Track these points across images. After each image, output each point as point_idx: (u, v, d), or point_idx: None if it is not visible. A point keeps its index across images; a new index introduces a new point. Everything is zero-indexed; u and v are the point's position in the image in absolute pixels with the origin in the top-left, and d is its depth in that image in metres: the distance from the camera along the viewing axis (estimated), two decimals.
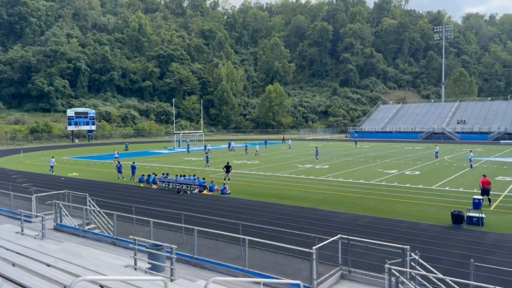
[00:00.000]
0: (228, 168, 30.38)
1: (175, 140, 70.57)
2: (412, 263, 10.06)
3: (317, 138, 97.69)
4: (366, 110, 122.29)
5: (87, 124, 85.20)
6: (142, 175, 31.76)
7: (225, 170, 30.46)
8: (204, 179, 28.18)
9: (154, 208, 20.86)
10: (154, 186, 29.19)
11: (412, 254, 10.07)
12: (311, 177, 32.31)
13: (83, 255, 10.13)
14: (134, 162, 34.09)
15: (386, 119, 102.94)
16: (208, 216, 17.92)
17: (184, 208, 20.62)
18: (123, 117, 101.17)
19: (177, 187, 27.64)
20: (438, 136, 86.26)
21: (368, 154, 52.43)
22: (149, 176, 30.63)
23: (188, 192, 26.92)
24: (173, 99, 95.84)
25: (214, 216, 18.21)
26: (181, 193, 26.59)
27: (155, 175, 30.20)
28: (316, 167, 38.58)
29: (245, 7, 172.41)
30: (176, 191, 27.18)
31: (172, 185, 28.54)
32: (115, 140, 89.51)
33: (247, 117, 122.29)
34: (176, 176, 29.16)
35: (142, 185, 30.24)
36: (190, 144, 64.50)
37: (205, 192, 26.72)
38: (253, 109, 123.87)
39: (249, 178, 32.77)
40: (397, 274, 9.02)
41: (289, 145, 65.95)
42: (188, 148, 60.92)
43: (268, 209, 21.50)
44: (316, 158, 45.62)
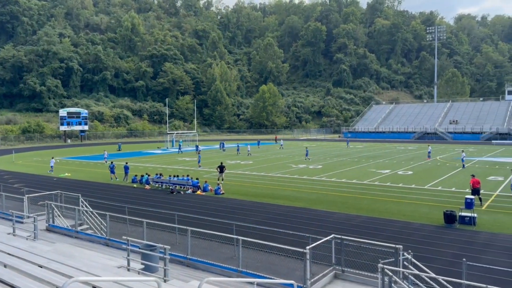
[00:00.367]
0: (222, 168, 30.36)
1: (169, 140, 70.36)
2: (405, 262, 10.11)
3: (310, 138, 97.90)
4: (359, 110, 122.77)
5: (80, 124, 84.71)
6: (135, 175, 31.62)
7: (219, 170, 30.44)
8: (197, 179, 28.12)
9: (147, 209, 20.78)
10: (147, 187, 29.08)
11: (405, 253, 10.12)
12: (304, 177, 32.37)
13: (76, 256, 10.07)
14: (127, 163, 33.95)
15: (379, 119, 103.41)
16: (202, 216, 17.89)
17: (178, 209, 20.56)
18: (116, 117, 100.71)
19: (171, 187, 27.56)
20: (431, 136, 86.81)
21: (361, 154, 52.63)
22: (142, 176, 30.50)
23: (182, 192, 26.84)
24: (167, 99, 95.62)
25: (208, 216, 18.19)
26: (174, 194, 26.52)
27: (148, 176, 30.08)
28: (309, 167, 38.66)
29: (239, 7, 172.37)
30: (169, 191, 27.09)
31: (166, 185, 28.45)
32: (108, 140, 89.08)
33: (241, 117, 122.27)
34: (170, 176, 29.07)
35: (135, 185, 30.11)
36: (183, 145, 64.29)
37: (198, 192, 26.66)
38: (247, 109, 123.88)
39: (242, 178, 32.75)
40: (390, 273, 9.06)
41: (281, 145, 65.95)
42: (180, 148, 60.72)
43: (261, 209, 21.51)
44: (307, 158, 45.91)
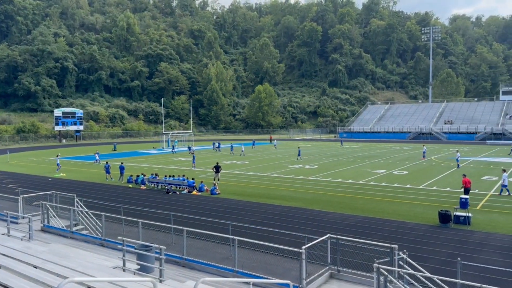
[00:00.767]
0: (217, 168, 30.33)
1: (164, 140, 70.19)
2: (400, 262, 10.15)
3: (306, 138, 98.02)
4: (355, 110, 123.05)
5: (75, 124, 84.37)
6: (131, 175, 31.52)
7: (215, 170, 30.41)
8: (193, 179, 28.07)
9: (142, 209, 20.73)
10: (142, 187, 29.01)
11: (400, 253, 10.16)
12: (300, 177, 32.40)
13: (71, 257, 10.03)
14: (122, 163, 33.85)
15: (375, 120, 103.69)
16: (198, 216, 17.88)
17: (173, 209, 20.52)
18: (111, 117, 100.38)
19: (166, 187, 27.51)
20: (426, 136, 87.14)
21: (356, 154, 52.76)
22: (138, 176, 30.41)
23: (177, 192, 26.80)
24: (162, 99, 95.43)
25: (204, 216, 18.17)
26: (170, 194, 26.47)
27: (144, 176, 30.00)
28: (305, 167, 38.70)
29: (235, 7, 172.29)
30: (165, 191, 27.04)
31: (161, 185, 28.39)
32: (103, 140, 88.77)
33: (237, 117, 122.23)
34: (165, 176, 29.02)
35: (130, 185, 30.02)
36: (178, 145, 64.07)
37: (194, 192, 26.63)
38: (243, 109, 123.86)
39: (238, 178, 32.75)
40: (386, 273, 9.09)
41: (275, 145, 66.06)
42: (173, 149, 60.49)
43: (257, 209, 21.51)
44: (299, 158, 46.13)
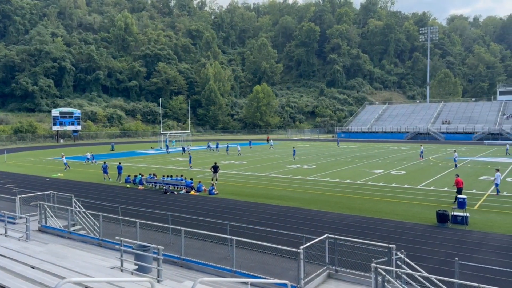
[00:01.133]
0: (215, 168, 30.30)
1: (162, 140, 70.11)
2: (398, 262, 10.16)
3: (304, 138, 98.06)
4: (353, 110, 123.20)
5: (72, 124, 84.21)
6: (129, 175, 31.48)
7: (213, 170, 30.37)
8: (191, 179, 28.06)
9: (140, 209, 20.71)
10: (140, 187, 28.97)
11: (398, 253, 10.16)
12: (298, 177, 32.42)
13: (69, 257, 10.01)
14: (120, 163, 33.80)
15: (372, 120, 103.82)
16: (195, 216, 17.86)
17: (171, 209, 20.51)
18: (109, 117, 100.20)
19: (164, 187, 27.48)
20: (423, 136, 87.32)
21: (354, 154, 52.82)
22: (136, 176, 30.38)
23: (175, 192, 26.78)
24: (160, 99, 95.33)
25: (202, 216, 18.16)
26: (168, 194, 26.44)
27: (142, 176, 29.97)
28: (303, 167, 38.73)
29: (233, 7, 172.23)
30: (163, 191, 27.02)
31: (159, 185, 28.36)
32: (101, 140, 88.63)
33: (235, 117, 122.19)
34: (163, 176, 29.00)
35: (128, 185, 29.98)
36: (176, 145, 63.93)
37: (192, 192, 26.61)
38: (241, 109, 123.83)
39: (236, 178, 32.74)
40: (383, 273, 9.10)
41: (271, 145, 66.14)
42: (167, 149, 60.18)
43: (255, 209, 21.51)
44: (294, 158, 46.42)
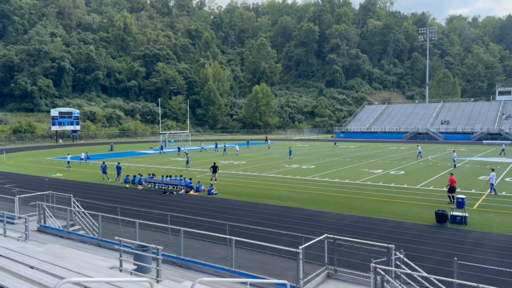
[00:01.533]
0: (215, 169, 30.31)
1: (161, 140, 70.05)
2: (397, 261, 10.16)
3: (303, 138, 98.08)
4: (352, 110, 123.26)
5: (72, 124, 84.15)
6: (128, 175, 31.46)
7: (212, 171, 30.39)
8: (190, 179, 28.06)
9: (139, 209, 20.69)
10: (139, 187, 28.96)
11: (397, 253, 10.17)
12: (297, 177, 32.43)
13: (68, 257, 10.00)
14: (119, 163, 33.78)
15: (372, 120, 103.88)
16: (195, 216, 17.85)
17: (170, 209, 20.50)
18: (108, 117, 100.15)
19: (163, 187, 27.46)
20: (423, 136, 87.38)
21: (353, 154, 52.84)
22: (135, 176, 30.36)
23: (174, 192, 26.77)
24: (159, 99, 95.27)
25: (201, 216, 18.15)
26: (167, 194, 26.43)
27: (141, 176, 29.95)
28: (302, 167, 38.73)
29: (232, 7, 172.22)
30: (162, 191, 27.00)
31: (158, 185, 28.34)
32: (100, 140, 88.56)
33: (234, 117, 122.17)
34: (162, 176, 28.99)
35: (127, 185, 29.96)
36: (175, 144, 63.78)
37: (191, 192, 26.60)
38: (240, 109, 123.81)
39: (236, 178, 32.73)
40: (383, 273, 9.11)
41: (269, 145, 66.16)
42: (162, 149, 59.41)
43: (255, 209, 21.51)
44: (290, 158, 46.46)
